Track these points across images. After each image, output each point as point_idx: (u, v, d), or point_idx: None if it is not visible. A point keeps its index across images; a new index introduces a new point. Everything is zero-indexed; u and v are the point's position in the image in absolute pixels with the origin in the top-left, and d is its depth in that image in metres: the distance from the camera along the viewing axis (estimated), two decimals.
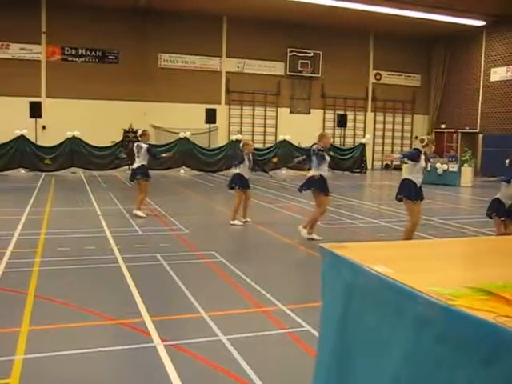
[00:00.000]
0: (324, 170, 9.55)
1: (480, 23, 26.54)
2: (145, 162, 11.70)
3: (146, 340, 4.77)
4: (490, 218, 8.98)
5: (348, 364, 1.16)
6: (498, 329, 0.80)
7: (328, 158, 9.61)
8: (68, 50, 25.08)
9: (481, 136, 27.74)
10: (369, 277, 1.08)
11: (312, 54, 28.41)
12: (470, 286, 0.98)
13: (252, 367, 4.24)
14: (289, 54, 28.09)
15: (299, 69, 28.31)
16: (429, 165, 21.83)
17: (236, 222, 10.85)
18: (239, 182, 10.93)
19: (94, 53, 25.45)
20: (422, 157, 8.48)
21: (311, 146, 9.94)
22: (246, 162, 11.01)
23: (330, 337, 1.23)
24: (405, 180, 8.63)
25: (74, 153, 22.20)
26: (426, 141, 8.68)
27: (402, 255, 1.28)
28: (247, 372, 4.18)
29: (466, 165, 21.76)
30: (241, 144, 11.68)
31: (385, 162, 29.60)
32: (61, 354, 4.46)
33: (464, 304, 0.88)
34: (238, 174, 11.01)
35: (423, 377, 0.95)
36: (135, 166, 11.84)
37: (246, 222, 11.05)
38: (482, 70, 28.02)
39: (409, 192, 8.44)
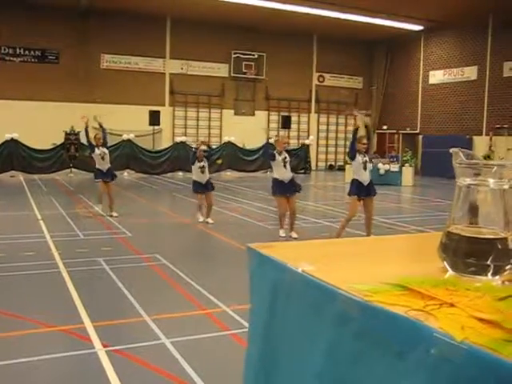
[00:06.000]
0: (278, 173, 9.88)
1: (418, 28, 27.35)
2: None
3: (88, 346, 4.68)
4: None
5: (275, 364, 1.18)
6: (410, 322, 0.82)
7: (279, 159, 9.82)
8: (5, 49, 24.27)
9: (421, 137, 28.52)
10: (292, 275, 1.10)
11: (256, 56, 28.54)
12: (388, 282, 1.01)
13: (195, 370, 4.23)
14: (233, 56, 28.11)
15: (243, 70, 28.38)
16: (370, 165, 22.36)
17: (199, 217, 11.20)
18: (195, 187, 11.28)
19: (33, 52, 24.72)
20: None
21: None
22: (197, 164, 11.15)
23: (257, 338, 1.24)
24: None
25: (12, 156, 21.47)
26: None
27: (327, 253, 1.31)
28: (190, 375, 4.16)
29: (406, 165, 22.34)
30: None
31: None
32: None
33: (380, 299, 0.91)
34: (194, 180, 11.38)
35: (344, 374, 0.97)
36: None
37: (206, 222, 11.20)
38: (421, 73, 28.85)
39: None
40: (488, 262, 1.07)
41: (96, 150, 12.11)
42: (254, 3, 23.08)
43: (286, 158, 9.86)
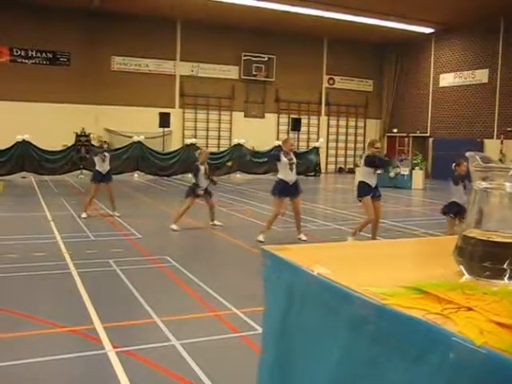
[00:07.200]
0: (284, 174, 9.83)
1: (429, 30, 27.26)
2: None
3: (98, 347, 4.69)
4: (445, 214, 9.26)
5: (290, 367, 1.17)
6: (428, 326, 0.82)
7: (285, 160, 9.79)
8: (17, 51, 24.46)
9: (431, 140, 28.41)
10: (307, 278, 1.09)
11: (266, 59, 28.55)
12: (405, 286, 1.01)
13: (205, 372, 4.22)
14: (243, 58, 28.15)
15: (253, 73, 28.40)
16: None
17: (174, 226, 10.75)
18: (193, 192, 10.89)
19: (44, 54, 24.88)
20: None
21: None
22: (202, 172, 10.94)
23: (271, 341, 1.24)
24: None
25: (24, 157, 21.57)
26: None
27: (342, 256, 1.30)
28: (200, 377, 4.16)
29: (417, 168, 22.25)
30: (196, 153, 11.78)
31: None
32: (6, 364, 4.33)
33: (397, 303, 0.90)
34: (195, 183, 11.00)
35: (360, 378, 0.96)
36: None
37: (213, 224, 11.07)
38: (432, 76, 28.74)
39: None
40: (504, 266, 1.06)
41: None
42: (265, 6, 23.10)
43: (292, 159, 9.84)
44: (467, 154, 1.15)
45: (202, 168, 10.97)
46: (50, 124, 23.44)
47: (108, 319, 5.36)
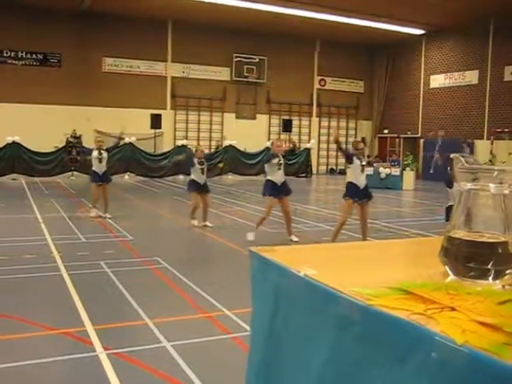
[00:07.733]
0: (271, 175, 9.91)
1: (420, 32, 27.39)
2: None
3: (89, 349, 4.68)
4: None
5: (276, 368, 1.18)
6: (411, 326, 0.83)
7: (274, 162, 9.90)
8: (7, 53, 24.33)
9: (422, 141, 28.53)
10: (294, 279, 1.10)
11: (257, 60, 28.57)
12: (390, 286, 1.02)
13: (197, 373, 4.23)
14: (234, 60, 28.15)
15: (245, 74, 28.42)
16: (371, 169, 22.35)
17: (194, 222, 11.05)
18: (193, 187, 11.16)
19: (35, 56, 24.78)
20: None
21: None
22: (197, 167, 11.11)
23: (259, 341, 1.24)
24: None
25: (14, 159, 21.46)
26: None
27: (329, 257, 1.31)
28: (192, 378, 4.16)
29: (407, 169, 22.34)
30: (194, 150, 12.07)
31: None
32: None
33: (382, 303, 0.92)
34: (192, 179, 11.28)
35: (345, 378, 0.98)
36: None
37: (205, 225, 11.13)
38: (422, 77, 28.87)
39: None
40: (489, 267, 1.07)
41: (94, 152, 12.16)
42: (256, 7, 23.12)
43: (280, 161, 9.91)
44: (452, 155, 1.17)
45: (198, 164, 11.13)
46: (40, 125, 23.33)
47: (99, 321, 5.34)
